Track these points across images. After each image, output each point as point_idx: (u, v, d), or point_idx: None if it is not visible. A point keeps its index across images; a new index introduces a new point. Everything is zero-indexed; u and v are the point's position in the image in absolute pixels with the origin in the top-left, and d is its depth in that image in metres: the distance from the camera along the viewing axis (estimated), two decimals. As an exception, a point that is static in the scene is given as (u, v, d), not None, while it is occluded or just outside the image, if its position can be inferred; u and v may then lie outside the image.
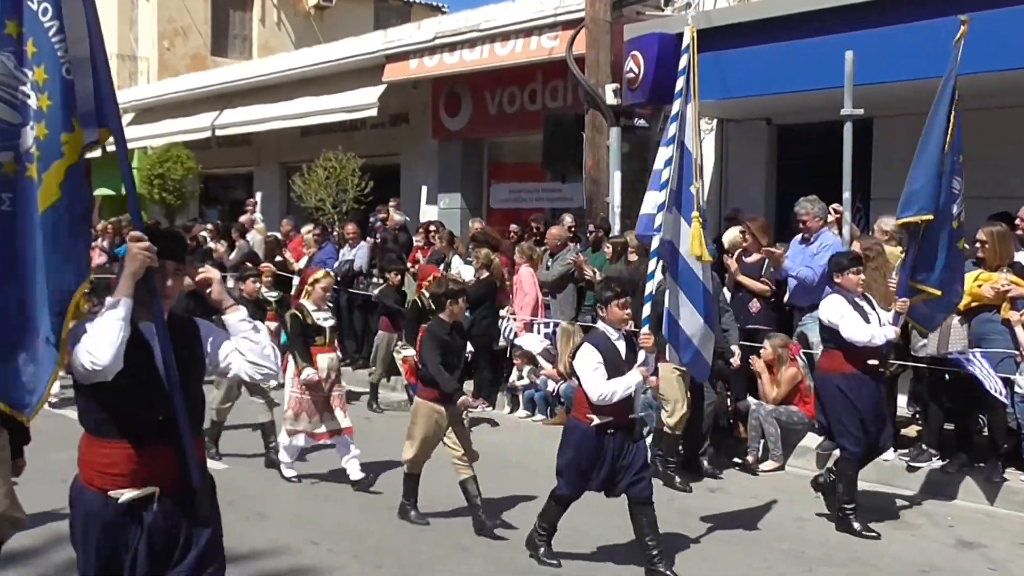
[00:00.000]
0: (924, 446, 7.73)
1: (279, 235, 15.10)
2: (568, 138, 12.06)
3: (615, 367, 5.48)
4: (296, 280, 13.51)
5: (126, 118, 21.67)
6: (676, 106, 5.85)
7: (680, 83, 5.83)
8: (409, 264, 12.33)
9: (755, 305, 8.61)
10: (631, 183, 11.44)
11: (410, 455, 6.58)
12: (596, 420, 5.47)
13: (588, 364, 5.46)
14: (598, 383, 5.41)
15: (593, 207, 11.46)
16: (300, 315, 7.58)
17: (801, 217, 8.55)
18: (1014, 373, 7.02)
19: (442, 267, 11.66)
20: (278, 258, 13.79)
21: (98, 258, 17.36)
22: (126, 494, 3.16)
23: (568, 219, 11.13)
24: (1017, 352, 7.09)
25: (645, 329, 5.63)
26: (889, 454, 7.85)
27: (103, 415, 3.24)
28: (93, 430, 3.27)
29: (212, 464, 3.44)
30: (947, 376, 7.56)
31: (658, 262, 5.91)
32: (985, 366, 6.94)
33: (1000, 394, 6.89)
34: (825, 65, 8.46)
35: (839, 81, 7.93)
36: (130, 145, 21.11)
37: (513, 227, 12.59)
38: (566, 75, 12.49)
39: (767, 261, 8.62)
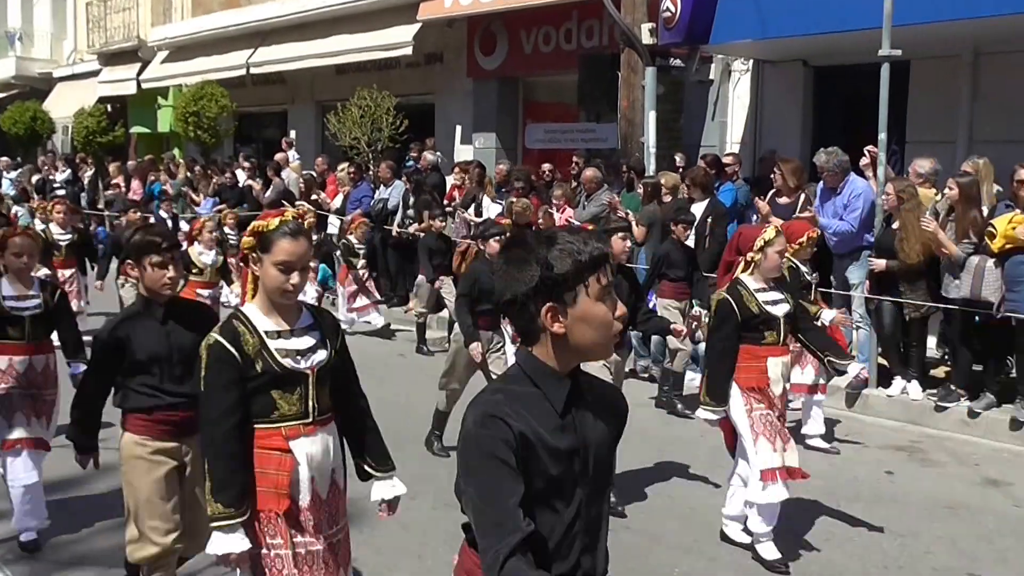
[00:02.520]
0: (952, 386, 7.83)
1: (314, 173, 15.28)
2: (603, 78, 12.01)
3: None
4: (332, 219, 13.71)
5: (159, 56, 21.79)
6: None
7: None
8: (446, 202, 12.45)
9: (788, 247, 8.66)
10: (666, 124, 11.43)
11: None
12: None
13: None
14: None
15: (628, 147, 11.48)
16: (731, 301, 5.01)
17: (819, 170, 8.58)
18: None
19: (472, 208, 11.80)
20: (313, 196, 13.97)
21: (134, 195, 17.65)
22: None
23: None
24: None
25: None
26: (918, 394, 7.98)
27: None
28: None
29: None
30: (977, 318, 7.62)
31: None
32: None
33: None
34: (863, 5, 8.37)
35: (877, 22, 7.84)
36: (164, 83, 21.41)
37: (546, 166, 12.63)
38: (602, 14, 12.39)
39: (800, 202, 8.66)
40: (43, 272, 10.33)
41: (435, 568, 4.93)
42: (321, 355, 3.11)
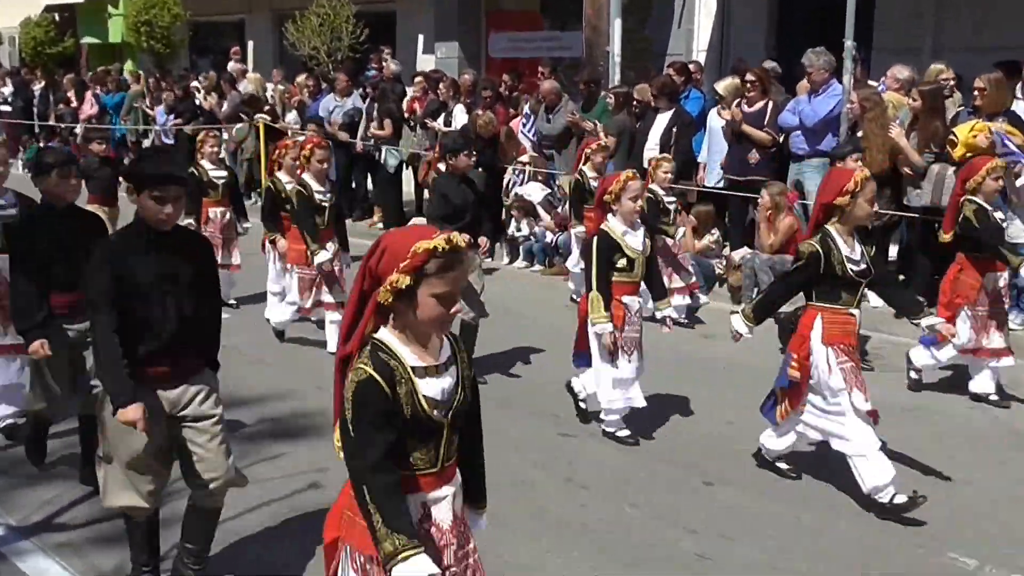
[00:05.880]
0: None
1: (269, 87, 14.84)
2: (568, -16, 11.76)
3: None
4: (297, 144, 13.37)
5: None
6: None
7: None
8: (407, 114, 12.21)
9: (754, 156, 8.63)
10: (631, 32, 11.24)
11: None
12: None
13: None
14: None
15: (592, 56, 11.29)
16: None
17: (807, 69, 8.47)
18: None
19: (443, 116, 11.58)
20: (267, 107, 13.56)
21: (90, 109, 17.15)
22: None
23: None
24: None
25: None
26: (878, 301, 8.06)
27: None
28: None
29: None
30: (937, 226, 7.68)
31: None
32: None
33: None
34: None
35: (846, -77, 7.72)
36: (115, -10, 20.53)
37: (505, 77, 12.38)
38: (566, -83, 12.08)
39: (770, 110, 8.60)
40: (187, 221, 7.43)
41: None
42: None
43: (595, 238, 5.41)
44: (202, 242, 3.82)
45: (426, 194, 12.29)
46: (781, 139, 8.64)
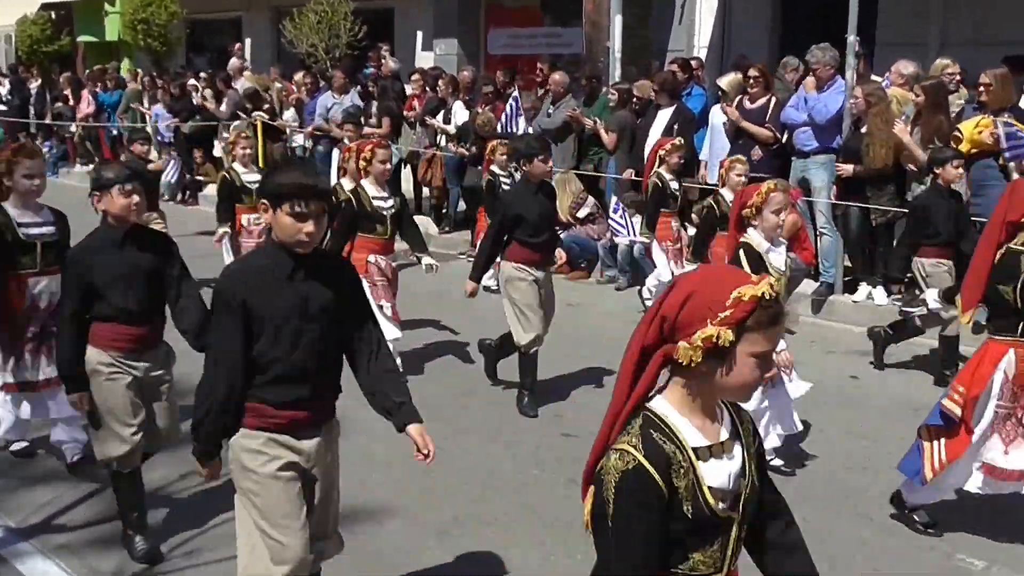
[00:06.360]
0: (917, 292, 7.88)
1: (265, 85, 14.69)
2: (568, -21, 11.70)
3: None
4: (293, 135, 13.31)
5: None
6: None
7: None
8: (406, 112, 12.15)
9: (757, 152, 8.56)
10: (632, 28, 11.18)
11: None
12: None
13: None
14: None
15: (593, 52, 11.24)
16: None
17: (813, 66, 8.41)
18: None
19: (442, 113, 11.52)
20: (266, 105, 13.47)
21: (87, 107, 17.09)
22: None
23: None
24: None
25: None
26: (883, 299, 8.04)
27: None
28: None
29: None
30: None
31: None
32: None
33: None
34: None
35: (849, -83, 7.66)
36: (112, -12, 20.45)
37: (499, 74, 12.23)
38: (565, -88, 12.02)
39: (772, 106, 8.54)
40: (222, 231, 7.63)
41: (404, 479, 4.92)
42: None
43: (740, 250, 4.71)
44: (348, 269, 3.31)
45: (425, 191, 12.25)
46: (784, 136, 8.58)
